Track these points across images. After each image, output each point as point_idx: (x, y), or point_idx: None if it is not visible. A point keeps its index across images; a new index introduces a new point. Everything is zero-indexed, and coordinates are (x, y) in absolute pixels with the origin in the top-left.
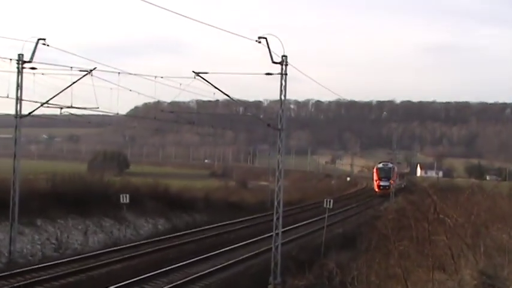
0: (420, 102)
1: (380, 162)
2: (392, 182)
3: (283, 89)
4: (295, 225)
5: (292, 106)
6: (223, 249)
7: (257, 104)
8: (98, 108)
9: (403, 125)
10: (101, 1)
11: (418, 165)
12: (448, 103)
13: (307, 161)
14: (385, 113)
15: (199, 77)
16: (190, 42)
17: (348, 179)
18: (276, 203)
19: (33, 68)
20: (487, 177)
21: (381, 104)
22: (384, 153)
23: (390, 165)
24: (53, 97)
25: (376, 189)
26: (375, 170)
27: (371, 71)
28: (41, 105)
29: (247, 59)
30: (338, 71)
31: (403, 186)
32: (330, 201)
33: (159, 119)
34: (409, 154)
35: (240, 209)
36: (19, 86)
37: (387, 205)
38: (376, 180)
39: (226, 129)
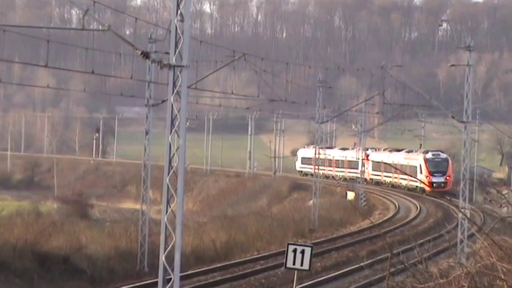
0: None
1: (427, 152)
2: (448, 178)
3: None
4: None
5: (208, 8)
6: None
7: (117, 2)
8: None
9: (489, 56)
10: None
11: None
12: None
13: (247, 149)
14: (444, 24)
15: None
16: None
17: (351, 196)
18: (162, 258)
19: None
20: None
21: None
22: (444, 127)
23: (444, 155)
24: None
25: (428, 188)
26: (422, 161)
27: None
28: None
29: None
30: None
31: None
32: (302, 254)
33: None
34: (503, 131)
35: (73, 273)
36: None
37: (449, 261)
38: (426, 176)
39: (35, 66)
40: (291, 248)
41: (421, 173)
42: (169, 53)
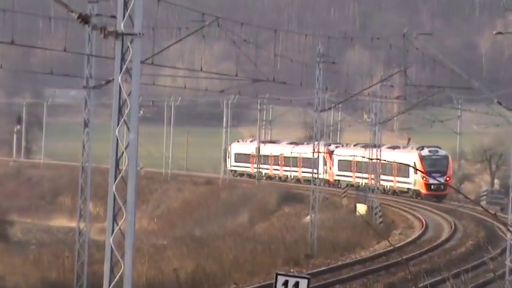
0: None
1: (422, 148)
2: (449, 179)
3: None
4: None
5: None
6: None
7: None
8: None
9: None
10: None
11: None
12: None
13: (222, 147)
14: None
15: None
16: None
17: (362, 209)
18: None
19: None
20: None
21: None
22: (488, 116)
23: (443, 152)
24: None
25: (424, 191)
26: (417, 158)
27: None
28: None
29: None
30: None
31: None
32: (295, 287)
33: None
34: None
35: None
36: None
37: None
38: (423, 177)
39: None
40: (281, 279)
41: (415, 173)
42: (116, 16)
